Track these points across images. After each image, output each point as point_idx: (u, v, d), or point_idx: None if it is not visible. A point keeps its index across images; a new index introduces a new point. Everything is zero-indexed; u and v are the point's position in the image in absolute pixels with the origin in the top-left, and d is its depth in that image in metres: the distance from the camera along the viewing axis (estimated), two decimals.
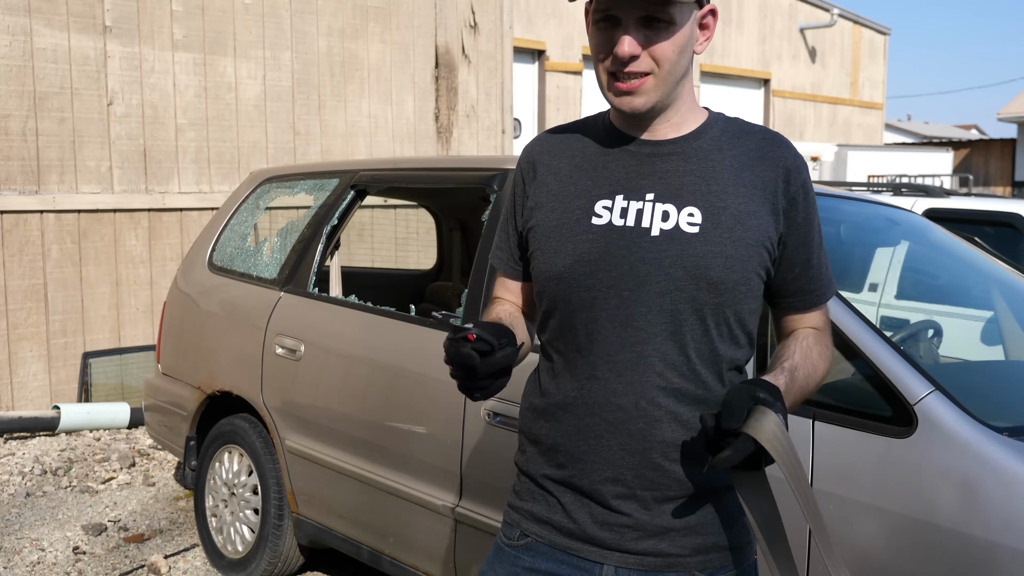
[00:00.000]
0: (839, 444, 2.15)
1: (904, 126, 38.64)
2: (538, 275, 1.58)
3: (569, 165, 1.60)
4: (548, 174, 1.61)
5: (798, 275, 1.58)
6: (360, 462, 3.17)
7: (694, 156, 1.53)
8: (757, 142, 1.56)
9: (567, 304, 1.53)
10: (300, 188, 4.00)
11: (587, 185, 1.56)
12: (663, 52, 1.46)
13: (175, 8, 6.43)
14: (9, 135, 5.75)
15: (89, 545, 4.11)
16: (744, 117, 1.66)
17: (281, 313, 3.57)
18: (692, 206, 1.49)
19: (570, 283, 1.52)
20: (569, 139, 1.63)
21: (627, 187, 1.53)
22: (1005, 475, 1.93)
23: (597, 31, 1.49)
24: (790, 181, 1.54)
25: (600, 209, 1.52)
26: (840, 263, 3.69)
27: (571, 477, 1.54)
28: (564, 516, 1.55)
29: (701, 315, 1.48)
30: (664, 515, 1.50)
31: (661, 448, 1.49)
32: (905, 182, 7.06)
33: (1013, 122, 21.44)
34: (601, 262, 1.50)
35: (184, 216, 6.54)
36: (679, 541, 1.51)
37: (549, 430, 1.56)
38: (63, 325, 6.03)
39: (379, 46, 7.61)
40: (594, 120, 1.65)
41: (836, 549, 1.40)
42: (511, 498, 1.67)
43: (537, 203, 1.60)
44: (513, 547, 1.61)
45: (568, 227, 1.54)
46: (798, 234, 1.55)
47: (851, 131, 15.55)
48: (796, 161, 1.56)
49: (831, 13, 14.47)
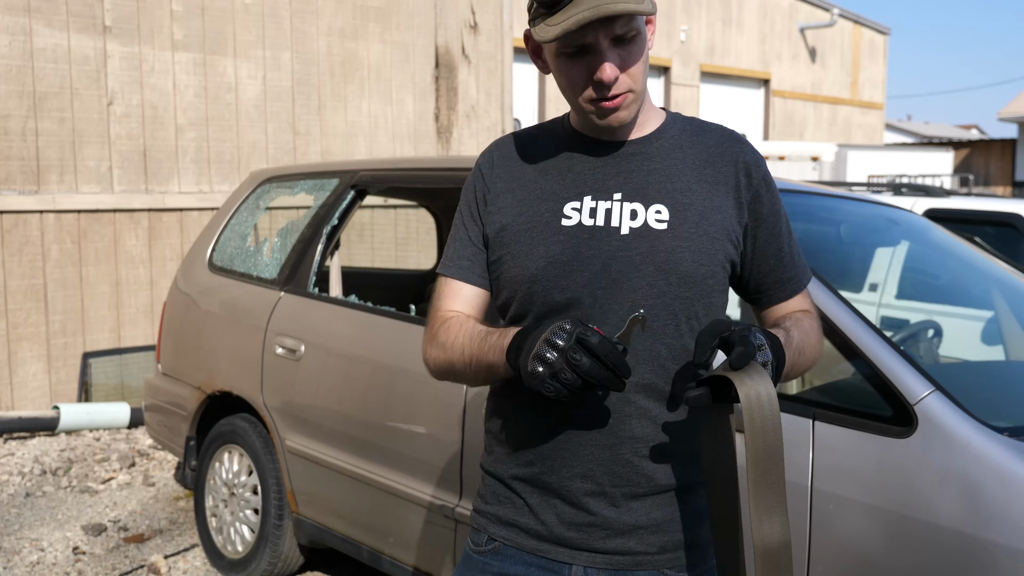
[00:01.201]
0: (839, 444, 2.15)
1: (904, 126, 38.65)
2: (508, 279, 1.56)
3: (532, 170, 1.60)
4: (511, 179, 1.60)
5: (773, 266, 1.61)
6: (360, 462, 3.17)
7: (657, 155, 1.57)
8: (716, 139, 1.60)
9: (541, 306, 1.53)
10: (300, 188, 4.00)
11: (554, 188, 1.56)
12: (638, 67, 1.49)
13: (175, 8, 6.43)
14: (9, 135, 5.75)
15: (89, 545, 4.11)
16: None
17: (281, 313, 3.57)
18: (659, 204, 1.52)
19: (544, 285, 1.52)
20: (529, 144, 1.63)
21: (594, 188, 1.54)
22: (1005, 475, 1.93)
23: (568, 63, 1.48)
24: (751, 175, 1.58)
25: (569, 211, 1.53)
26: (840, 263, 3.70)
27: (540, 474, 1.54)
28: (531, 518, 1.55)
29: (672, 311, 1.50)
30: (632, 513, 1.51)
31: (631, 444, 1.50)
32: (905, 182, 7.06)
33: (1013, 122, 21.44)
34: (574, 262, 1.50)
35: (184, 216, 6.54)
36: (647, 539, 1.52)
37: (518, 429, 1.57)
38: (63, 325, 6.03)
39: (379, 46, 7.61)
40: (553, 125, 1.65)
41: (774, 524, 1.36)
42: (477, 503, 1.66)
43: (500, 208, 1.59)
44: (481, 552, 1.60)
45: (538, 230, 1.54)
46: (767, 226, 1.60)
47: (851, 131, 15.55)
48: (755, 156, 1.61)
49: (831, 13, 14.47)
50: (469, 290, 1.62)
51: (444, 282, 1.63)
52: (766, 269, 1.61)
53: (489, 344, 1.48)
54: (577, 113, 1.56)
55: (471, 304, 1.62)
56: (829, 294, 2.31)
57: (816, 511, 2.14)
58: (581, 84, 1.48)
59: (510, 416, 1.59)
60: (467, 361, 1.52)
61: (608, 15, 1.38)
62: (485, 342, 1.49)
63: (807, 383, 2.64)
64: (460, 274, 1.62)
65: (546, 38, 1.43)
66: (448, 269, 1.63)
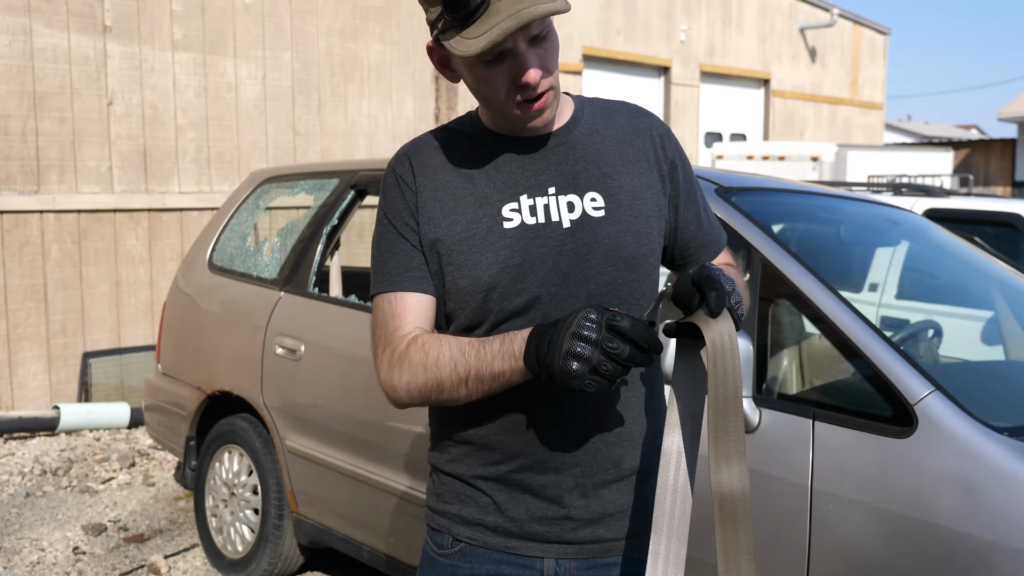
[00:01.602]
0: (839, 444, 2.14)
1: (904, 126, 38.65)
2: (455, 291, 1.50)
3: (456, 175, 1.54)
4: (434, 187, 1.54)
5: (695, 232, 1.64)
6: (360, 462, 3.17)
7: (579, 143, 1.56)
8: (625, 117, 1.61)
9: (499, 313, 1.49)
10: (300, 188, 4.00)
11: (485, 192, 1.52)
12: (554, 63, 1.48)
13: (175, 8, 6.43)
14: (9, 135, 5.75)
15: (89, 545, 4.11)
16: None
17: (281, 313, 3.57)
18: (592, 191, 1.52)
19: (500, 291, 1.48)
20: (445, 148, 1.58)
21: (527, 186, 1.52)
22: (1005, 475, 1.93)
23: (488, 70, 1.43)
24: (666, 147, 1.60)
25: (508, 212, 1.51)
26: (840, 263, 3.70)
27: (509, 472, 1.52)
28: (499, 515, 1.53)
29: (622, 295, 1.51)
30: (601, 501, 1.52)
31: (600, 433, 1.51)
32: (905, 182, 7.06)
33: (1013, 122, 21.44)
34: (526, 264, 1.48)
35: (184, 216, 6.54)
36: (614, 526, 1.54)
37: (482, 429, 1.54)
38: (63, 325, 6.03)
39: (379, 46, 7.62)
40: (461, 127, 1.60)
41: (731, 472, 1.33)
42: (433, 502, 1.61)
43: (430, 218, 1.52)
44: (446, 555, 1.57)
45: (480, 236, 1.49)
46: (685, 193, 1.62)
47: (851, 131, 15.55)
48: (664, 126, 1.63)
49: (831, 13, 14.47)
50: (427, 302, 1.52)
51: (395, 298, 1.52)
52: (689, 235, 1.63)
53: (492, 353, 1.40)
54: (498, 116, 1.52)
55: (429, 318, 1.53)
56: (829, 294, 2.31)
57: (816, 511, 2.13)
58: (504, 89, 1.45)
59: (470, 418, 1.54)
60: (461, 376, 1.43)
61: (532, 20, 1.35)
62: (484, 352, 1.41)
63: (807, 383, 2.64)
64: (413, 286, 1.52)
65: (470, 52, 1.36)
66: (397, 284, 1.52)
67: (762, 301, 2.44)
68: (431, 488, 1.63)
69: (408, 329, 1.50)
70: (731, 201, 2.62)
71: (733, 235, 2.52)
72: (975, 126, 44.94)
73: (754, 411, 2.26)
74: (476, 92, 1.50)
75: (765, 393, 2.36)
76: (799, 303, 2.40)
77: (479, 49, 1.36)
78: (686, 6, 11.97)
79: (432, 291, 1.53)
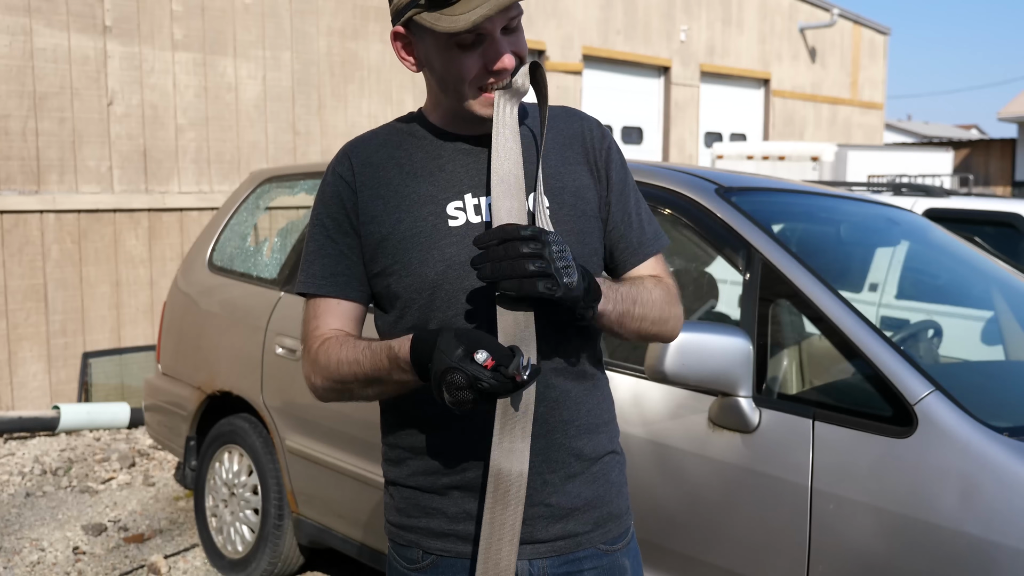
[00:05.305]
0: (839, 444, 2.15)
1: (904, 126, 38.64)
2: (403, 288, 1.50)
3: (400, 173, 1.54)
4: (377, 185, 1.53)
5: (624, 231, 1.62)
6: (360, 462, 3.17)
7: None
8: (563, 119, 1.62)
9: (446, 310, 1.49)
10: (300, 188, 4.00)
11: (430, 190, 1.52)
12: (524, 51, 1.49)
13: (175, 8, 6.43)
14: (9, 135, 5.75)
15: (89, 545, 4.11)
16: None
17: (281, 313, 3.57)
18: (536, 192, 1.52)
19: (447, 289, 1.48)
20: (388, 147, 1.57)
21: (471, 185, 1.53)
22: (1005, 475, 1.93)
23: (461, 54, 1.44)
24: (599, 147, 1.61)
25: (453, 211, 1.51)
26: (840, 263, 3.69)
27: (476, 479, 1.50)
28: (470, 523, 1.51)
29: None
30: (568, 495, 1.53)
31: (562, 427, 1.52)
32: (905, 182, 7.06)
33: (1013, 122, 21.43)
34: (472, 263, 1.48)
35: (184, 216, 6.54)
36: (582, 518, 1.55)
37: (441, 439, 1.52)
38: (63, 325, 6.03)
39: (379, 46, 7.62)
40: (403, 126, 1.60)
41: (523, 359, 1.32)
42: (395, 517, 1.59)
43: (374, 217, 1.52)
44: (418, 569, 1.55)
45: (425, 234, 1.49)
46: (616, 191, 1.61)
47: (851, 131, 15.54)
48: (600, 127, 1.64)
49: (831, 13, 14.47)
50: (348, 306, 1.54)
51: (317, 302, 1.55)
52: (618, 235, 1.61)
53: (387, 357, 1.41)
54: (456, 104, 1.50)
55: (350, 320, 1.55)
56: (829, 294, 2.31)
57: (816, 511, 2.14)
58: (473, 74, 1.45)
59: (426, 428, 1.53)
60: (361, 379, 1.46)
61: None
62: (379, 356, 1.42)
63: (807, 383, 2.64)
64: (336, 291, 1.54)
65: (457, 27, 1.37)
66: (320, 287, 1.54)
67: (762, 301, 2.43)
68: (390, 504, 1.61)
69: (324, 331, 1.53)
70: (731, 201, 2.62)
71: (733, 235, 2.52)
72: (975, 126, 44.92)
73: (754, 411, 2.26)
74: (441, 78, 1.50)
75: (765, 393, 2.36)
76: (799, 303, 2.40)
77: (470, 22, 1.37)
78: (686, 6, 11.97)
79: (356, 295, 1.55)
